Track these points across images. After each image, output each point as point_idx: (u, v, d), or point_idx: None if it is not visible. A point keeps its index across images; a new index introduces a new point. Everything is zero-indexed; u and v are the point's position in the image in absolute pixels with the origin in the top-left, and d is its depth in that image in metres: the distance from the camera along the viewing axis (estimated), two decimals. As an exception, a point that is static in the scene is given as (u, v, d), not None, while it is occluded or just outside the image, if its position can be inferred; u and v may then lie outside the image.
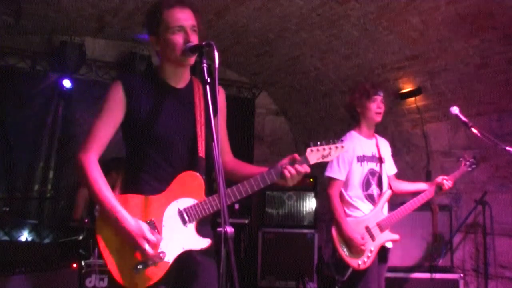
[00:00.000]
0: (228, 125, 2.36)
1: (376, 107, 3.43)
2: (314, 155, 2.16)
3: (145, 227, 1.94)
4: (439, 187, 3.51)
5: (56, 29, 5.64)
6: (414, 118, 5.36)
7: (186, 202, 2.05)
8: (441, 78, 4.84)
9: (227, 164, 2.29)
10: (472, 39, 4.27)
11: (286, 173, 2.08)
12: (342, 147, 2.22)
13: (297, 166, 2.09)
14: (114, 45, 6.19)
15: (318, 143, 2.18)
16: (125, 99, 2.07)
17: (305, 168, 2.10)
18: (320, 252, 5.95)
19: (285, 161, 2.13)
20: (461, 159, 3.67)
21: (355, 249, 3.24)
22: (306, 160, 2.14)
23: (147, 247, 1.92)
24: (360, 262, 3.25)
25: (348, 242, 3.25)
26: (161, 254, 1.97)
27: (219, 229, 1.68)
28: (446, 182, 3.50)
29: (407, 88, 5.20)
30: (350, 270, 3.25)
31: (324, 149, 2.18)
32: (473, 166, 3.64)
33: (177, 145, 2.10)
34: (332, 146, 2.20)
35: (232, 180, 2.17)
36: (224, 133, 2.33)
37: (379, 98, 3.44)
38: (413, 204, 3.44)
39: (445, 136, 5.11)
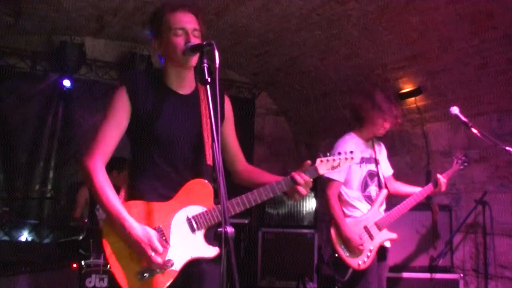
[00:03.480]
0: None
1: (385, 125, 3.44)
2: (323, 165, 2.18)
3: (153, 234, 1.91)
4: (435, 182, 3.53)
5: (56, 29, 5.64)
6: (414, 118, 5.36)
7: (194, 210, 2.04)
8: (441, 78, 4.84)
9: (242, 173, 2.31)
10: (472, 39, 4.27)
11: (299, 179, 2.09)
12: (352, 158, 2.24)
13: (303, 175, 2.11)
14: (114, 45, 6.19)
15: (328, 154, 2.21)
16: (130, 104, 2.06)
17: (305, 178, 2.12)
18: (320, 252, 5.94)
19: (295, 172, 2.14)
20: (454, 157, 3.74)
21: (354, 249, 3.25)
22: (315, 170, 2.16)
23: (153, 255, 1.89)
24: (360, 262, 3.26)
25: (347, 243, 3.26)
26: (168, 263, 1.94)
27: (219, 229, 1.68)
28: (443, 181, 3.53)
29: (407, 88, 5.20)
30: (350, 271, 3.25)
31: (334, 160, 2.20)
32: (465, 163, 3.71)
33: (183, 150, 2.09)
34: (342, 158, 2.22)
35: (248, 187, 2.18)
36: (235, 141, 2.34)
37: (389, 118, 3.44)
38: (409, 203, 3.48)
39: (445, 136, 5.11)
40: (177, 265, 1.97)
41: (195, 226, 2.02)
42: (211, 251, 2.02)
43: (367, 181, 3.47)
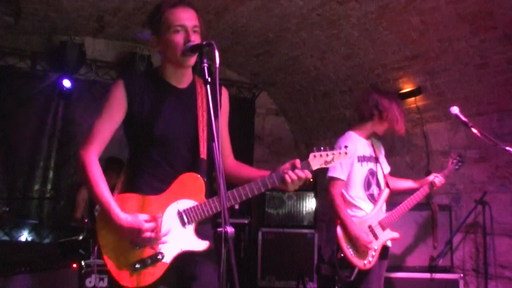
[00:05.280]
0: (228, 125, 2.35)
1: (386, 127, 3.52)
2: (316, 160, 2.15)
3: (141, 218, 1.94)
4: (431, 185, 3.60)
5: (56, 29, 5.64)
6: (414, 118, 5.36)
7: (186, 204, 2.05)
8: (441, 78, 4.84)
9: (228, 167, 2.27)
10: (472, 39, 4.27)
11: (287, 178, 2.06)
12: (346, 153, 2.20)
13: (298, 171, 2.08)
14: (114, 45, 6.19)
15: (322, 148, 2.17)
16: (126, 98, 2.07)
17: (306, 174, 2.09)
18: (320, 252, 5.94)
19: (287, 165, 2.11)
20: (449, 157, 3.83)
21: (361, 249, 3.25)
22: (308, 166, 2.12)
23: (149, 235, 1.92)
24: (365, 262, 3.26)
25: (355, 242, 3.24)
26: (159, 255, 1.97)
27: (219, 229, 1.68)
28: (438, 179, 3.61)
29: (407, 88, 5.20)
30: (356, 270, 3.25)
31: (327, 154, 2.16)
32: (460, 163, 3.78)
33: (179, 145, 2.09)
34: (336, 152, 2.18)
35: (233, 183, 2.15)
36: (226, 135, 2.32)
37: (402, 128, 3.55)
38: (410, 202, 3.51)
39: (445, 136, 5.11)
40: (168, 258, 2.00)
41: (185, 220, 2.03)
42: (201, 245, 2.04)
43: (370, 179, 3.47)
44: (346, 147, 2.23)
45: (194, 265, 2.07)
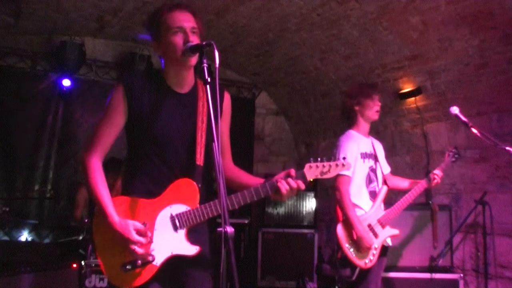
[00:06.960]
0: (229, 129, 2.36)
1: (376, 105, 3.51)
2: (312, 171, 2.13)
3: (131, 228, 1.97)
4: (429, 180, 3.56)
5: (56, 29, 5.64)
6: (414, 118, 5.36)
7: (179, 208, 2.07)
8: (441, 78, 4.84)
9: (227, 171, 2.28)
10: (472, 39, 4.27)
11: (281, 187, 2.05)
12: (343, 165, 2.17)
13: (291, 181, 2.06)
14: (114, 45, 6.20)
15: (319, 159, 2.15)
16: (126, 101, 2.09)
17: (299, 184, 2.07)
18: (320, 252, 5.95)
19: (281, 174, 2.11)
20: (446, 151, 3.79)
21: (364, 249, 3.24)
22: (303, 176, 2.11)
23: (135, 246, 1.96)
24: (366, 261, 3.26)
25: (358, 242, 3.24)
26: (150, 257, 2.00)
27: (219, 229, 1.69)
28: (436, 172, 3.57)
29: (407, 88, 5.20)
30: (358, 270, 3.25)
31: (323, 165, 2.14)
32: (456, 156, 3.74)
33: (177, 149, 2.12)
34: (333, 164, 2.15)
35: (228, 187, 2.16)
36: (227, 140, 2.34)
37: (377, 97, 3.53)
38: (408, 198, 3.49)
39: (445, 136, 5.11)
40: (158, 260, 2.03)
41: (177, 224, 2.06)
42: (191, 250, 2.06)
43: (371, 176, 3.47)
44: (344, 158, 2.22)
45: (186, 269, 2.10)
